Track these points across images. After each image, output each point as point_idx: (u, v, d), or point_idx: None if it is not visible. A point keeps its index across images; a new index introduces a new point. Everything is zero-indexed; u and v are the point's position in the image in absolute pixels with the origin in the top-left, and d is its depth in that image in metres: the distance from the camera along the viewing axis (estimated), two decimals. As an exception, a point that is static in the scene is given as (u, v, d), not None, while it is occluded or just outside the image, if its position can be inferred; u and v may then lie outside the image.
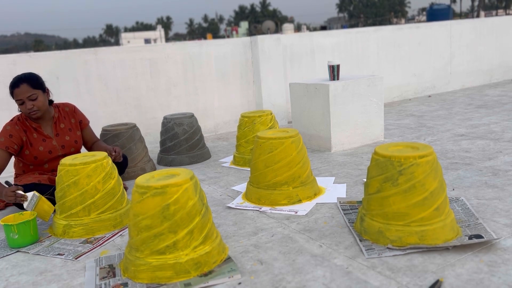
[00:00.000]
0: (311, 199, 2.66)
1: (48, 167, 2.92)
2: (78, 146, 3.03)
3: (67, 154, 2.96)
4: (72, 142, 2.98)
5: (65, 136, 2.96)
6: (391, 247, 1.94)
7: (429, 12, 21.51)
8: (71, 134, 2.99)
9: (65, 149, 2.94)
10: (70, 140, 2.97)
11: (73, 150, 2.99)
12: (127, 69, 4.54)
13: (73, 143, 2.99)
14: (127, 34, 69.06)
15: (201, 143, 3.91)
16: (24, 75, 2.82)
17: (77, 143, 3.02)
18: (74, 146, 2.99)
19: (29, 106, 2.76)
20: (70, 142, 2.97)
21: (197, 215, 1.88)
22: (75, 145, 3.00)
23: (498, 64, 7.53)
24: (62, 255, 2.19)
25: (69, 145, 2.96)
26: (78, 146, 3.04)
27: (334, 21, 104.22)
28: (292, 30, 47.63)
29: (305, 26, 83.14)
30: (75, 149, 3.01)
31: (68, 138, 2.97)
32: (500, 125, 4.25)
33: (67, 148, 2.96)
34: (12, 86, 2.78)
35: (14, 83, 2.78)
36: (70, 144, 2.97)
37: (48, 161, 2.90)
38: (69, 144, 2.97)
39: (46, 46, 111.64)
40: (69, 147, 2.97)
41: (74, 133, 3.02)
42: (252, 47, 5.23)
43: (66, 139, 2.96)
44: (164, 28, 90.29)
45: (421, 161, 1.92)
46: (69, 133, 2.99)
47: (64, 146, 2.94)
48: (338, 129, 3.77)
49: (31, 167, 2.91)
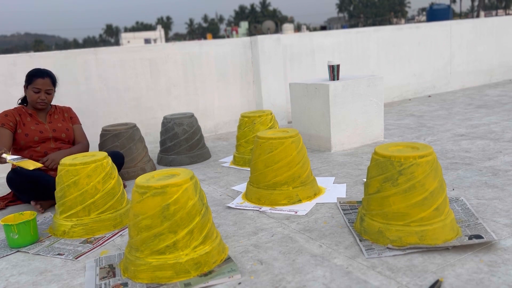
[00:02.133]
0: (311, 199, 2.66)
1: (40, 149, 3.02)
2: (69, 134, 3.16)
3: (58, 138, 3.08)
4: (63, 129, 3.14)
5: (57, 123, 3.14)
6: (391, 247, 1.94)
7: (429, 12, 21.49)
8: (63, 123, 3.18)
9: (56, 132, 3.09)
10: (61, 127, 3.14)
11: (64, 136, 3.12)
12: (127, 69, 4.54)
13: (64, 129, 3.15)
14: (127, 34, 69.07)
15: (201, 143, 3.91)
16: (47, 70, 3.09)
17: (68, 131, 3.16)
18: (65, 132, 3.14)
19: (43, 97, 3.01)
20: (61, 128, 3.13)
21: (197, 215, 1.88)
22: (66, 132, 3.15)
23: (498, 64, 7.53)
24: (62, 255, 2.19)
25: (60, 130, 3.12)
26: (70, 134, 3.17)
27: (334, 21, 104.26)
28: (292, 30, 47.65)
29: (305, 26, 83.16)
30: (66, 135, 3.14)
31: (60, 125, 3.15)
32: (500, 125, 4.25)
33: (58, 132, 3.10)
34: (36, 74, 3.00)
35: (41, 73, 3.01)
36: (62, 130, 3.13)
37: (39, 141, 3.01)
38: (61, 130, 3.12)
39: (46, 46, 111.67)
40: (60, 132, 3.11)
41: (67, 123, 3.20)
42: (252, 47, 5.23)
43: (58, 125, 3.13)
44: (164, 28, 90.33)
45: (421, 161, 1.92)
46: (62, 123, 3.18)
47: (55, 130, 3.10)
48: (338, 129, 3.77)
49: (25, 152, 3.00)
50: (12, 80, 3.96)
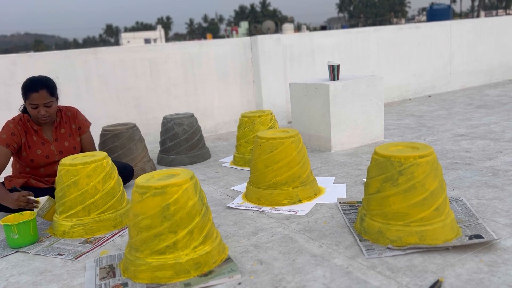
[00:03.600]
0: (311, 199, 2.66)
1: (44, 171, 2.88)
2: (76, 153, 2.99)
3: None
4: (70, 148, 2.95)
5: (64, 142, 2.93)
6: (391, 247, 1.94)
7: (429, 12, 21.50)
8: (70, 140, 2.96)
9: (62, 155, 2.91)
10: (69, 146, 2.94)
11: None
12: (127, 69, 4.54)
13: (71, 149, 2.95)
14: (127, 34, 69.09)
15: (201, 143, 3.91)
16: (43, 79, 2.73)
17: (75, 149, 2.98)
18: (72, 152, 2.95)
19: (43, 112, 2.71)
20: (68, 148, 2.94)
21: (197, 215, 1.88)
22: (73, 151, 2.96)
23: (498, 64, 7.53)
24: (62, 255, 2.19)
25: (67, 151, 2.93)
26: (76, 153, 2.99)
27: (334, 21, 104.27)
28: (292, 30, 47.64)
29: (305, 26, 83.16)
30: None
31: (67, 144, 2.94)
32: (500, 125, 4.25)
33: (65, 154, 2.92)
34: (30, 89, 2.66)
35: (34, 87, 2.66)
36: (69, 150, 2.93)
37: (45, 165, 2.87)
38: (67, 150, 2.93)
39: (46, 46, 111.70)
40: (66, 153, 2.92)
41: (74, 138, 2.98)
42: (252, 47, 5.23)
43: (65, 144, 2.93)
44: (164, 28, 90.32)
45: (421, 161, 1.92)
46: (68, 139, 2.95)
47: (62, 152, 2.91)
48: (338, 129, 3.77)
49: (27, 170, 2.89)
50: (12, 80, 3.96)
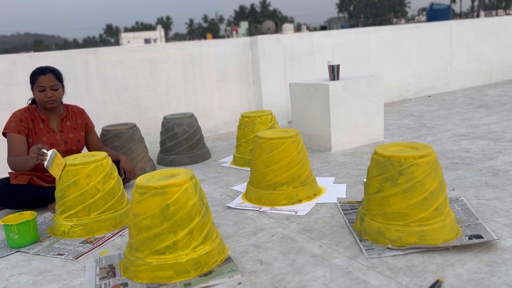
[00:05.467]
0: (311, 199, 2.66)
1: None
2: (80, 146, 3.07)
3: (68, 151, 3.00)
4: (75, 140, 3.03)
5: (69, 134, 3.02)
6: (391, 247, 1.94)
7: (429, 12, 21.49)
8: (75, 133, 3.05)
9: (67, 145, 2.99)
10: (73, 138, 3.03)
11: (75, 149, 3.04)
12: (127, 69, 4.54)
13: (75, 141, 3.03)
14: (127, 34, 69.04)
15: (201, 143, 3.91)
16: (49, 66, 2.95)
17: (79, 142, 3.06)
18: (76, 144, 3.04)
19: (49, 94, 2.86)
20: (73, 140, 3.02)
21: (197, 215, 1.88)
22: (77, 143, 3.04)
23: (498, 64, 7.53)
24: (62, 255, 2.19)
25: (71, 143, 3.01)
26: (80, 146, 3.08)
27: (334, 21, 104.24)
28: (292, 30, 47.58)
29: (305, 26, 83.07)
30: (77, 147, 3.05)
31: (72, 136, 3.03)
32: (500, 125, 4.25)
33: (69, 144, 3.00)
34: (37, 73, 2.86)
35: (41, 71, 2.87)
36: (73, 142, 3.02)
37: None
38: (72, 141, 3.01)
39: (46, 46, 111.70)
40: (71, 144, 3.01)
41: (78, 132, 3.08)
42: (252, 47, 5.23)
43: (69, 136, 3.02)
44: (164, 28, 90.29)
45: (421, 161, 1.92)
46: (73, 132, 3.04)
47: (67, 142, 2.99)
48: (338, 129, 3.77)
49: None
50: (12, 80, 3.96)
